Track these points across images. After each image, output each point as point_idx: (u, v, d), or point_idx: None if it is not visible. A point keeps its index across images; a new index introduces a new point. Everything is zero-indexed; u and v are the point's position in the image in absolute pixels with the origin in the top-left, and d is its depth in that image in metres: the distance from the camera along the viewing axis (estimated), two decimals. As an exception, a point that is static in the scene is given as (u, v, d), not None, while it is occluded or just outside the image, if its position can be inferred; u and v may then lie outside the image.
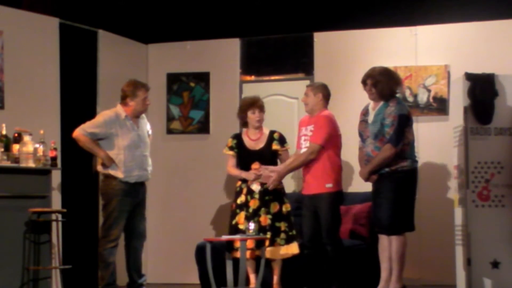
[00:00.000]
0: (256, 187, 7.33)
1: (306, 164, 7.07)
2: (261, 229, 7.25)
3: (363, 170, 6.86)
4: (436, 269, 8.24)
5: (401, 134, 6.67)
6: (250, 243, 7.12)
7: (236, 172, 7.54)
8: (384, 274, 6.78)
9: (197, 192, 9.21)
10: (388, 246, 6.73)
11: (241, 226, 7.30)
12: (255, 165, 7.39)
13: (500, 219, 7.09)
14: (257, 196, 7.36)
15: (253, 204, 7.35)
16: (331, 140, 7.08)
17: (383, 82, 6.77)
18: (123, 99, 7.39)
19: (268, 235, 7.25)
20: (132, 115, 7.39)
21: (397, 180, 6.69)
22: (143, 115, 7.56)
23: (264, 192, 7.33)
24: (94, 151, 7.32)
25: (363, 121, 6.93)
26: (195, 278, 8.02)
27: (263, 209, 7.34)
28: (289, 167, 7.22)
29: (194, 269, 7.94)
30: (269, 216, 7.33)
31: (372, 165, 6.74)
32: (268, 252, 7.22)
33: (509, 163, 7.13)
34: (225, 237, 7.11)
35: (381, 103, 6.79)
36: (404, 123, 6.70)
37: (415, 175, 6.82)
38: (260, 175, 7.29)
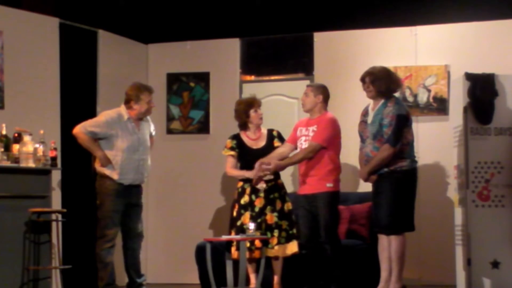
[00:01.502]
0: (261, 185, 7.29)
1: (304, 160, 7.05)
2: (267, 227, 7.25)
3: (362, 171, 6.85)
4: (436, 269, 8.24)
5: (399, 134, 6.66)
6: (258, 243, 7.14)
7: (238, 172, 7.51)
8: (384, 274, 6.77)
9: (197, 192, 9.20)
10: (387, 246, 6.72)
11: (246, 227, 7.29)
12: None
13: (500, 219, 7.09)
14: (262, 194, 7.33)
15: (259, 203, 7.33)
16: (334, 142, 7.09)
17: (381, 79, 6.77)
18: (127, 102, 7.37)
19: (276, 233, 7.26)
20: (136, 118, 7.38)
21: (397, 180, 6.68)
22: (148, 117, 7.54)
23: (269, 190, 7.32)
24: (92, 150, 7.32)
25: (363, 121, 6.92)
26: (195, 278, 8.02)
27: (268, 207, 7.32)
28: (289, 161, 7.17)
29: (194, 269, 7.95)
30: (275, 214, 7.32)
31: (370, 165, 6.74)
32: (276, 250, 7.23)
33: (509, 163, 7.13)
34: (225, 237, 7.11)
35: (380, 103, 6.78)
36: (402, 123, 6.69)
37: (414, 175, 6.80)
38: (265, 172, 7.21)
